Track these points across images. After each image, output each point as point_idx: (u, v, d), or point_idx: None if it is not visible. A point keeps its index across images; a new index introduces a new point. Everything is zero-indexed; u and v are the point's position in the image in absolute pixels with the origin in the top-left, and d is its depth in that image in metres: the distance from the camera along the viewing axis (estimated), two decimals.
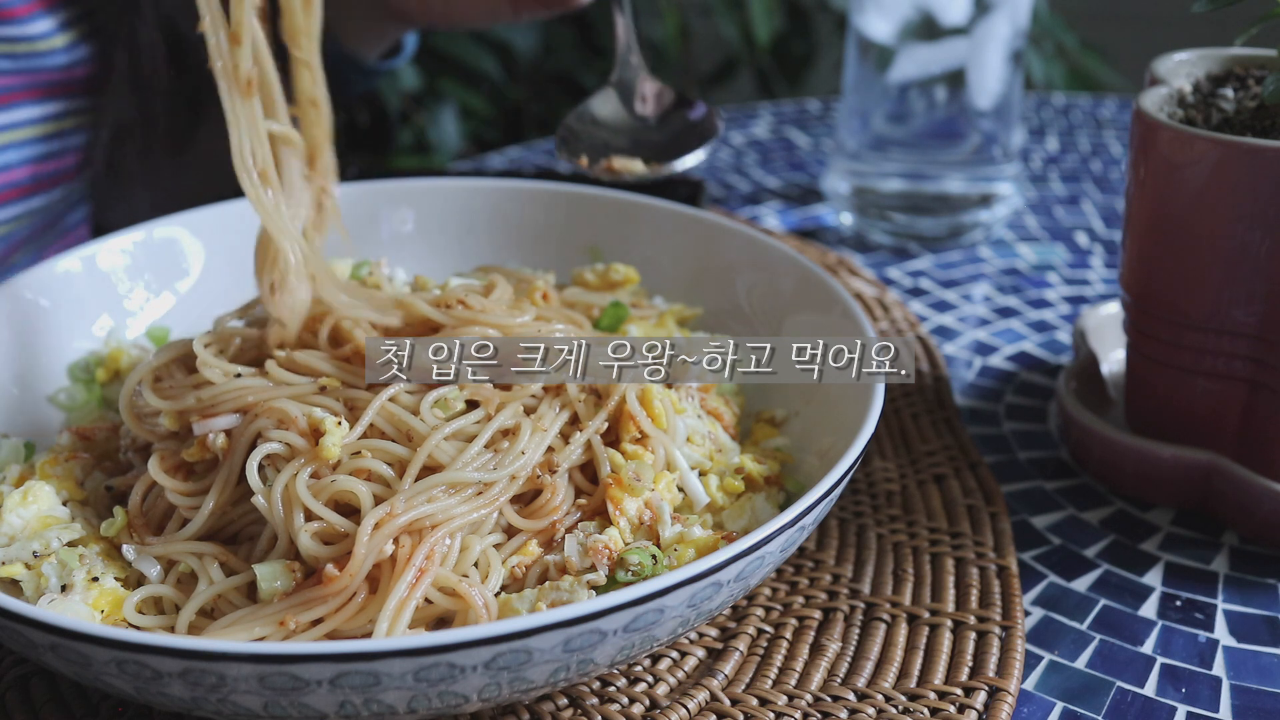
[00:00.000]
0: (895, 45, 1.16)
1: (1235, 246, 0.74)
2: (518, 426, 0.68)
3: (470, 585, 0.63)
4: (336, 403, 0.68)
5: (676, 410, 0.73)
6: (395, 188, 0.96)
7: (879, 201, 1.21)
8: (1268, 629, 0.73)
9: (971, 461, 0.86)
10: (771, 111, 1.60)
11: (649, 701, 0.66)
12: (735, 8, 2.30)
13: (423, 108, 2.21)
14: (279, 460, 0.66)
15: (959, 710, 0.65)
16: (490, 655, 0.53)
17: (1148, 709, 0.67)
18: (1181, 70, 0.83)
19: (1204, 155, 0.73)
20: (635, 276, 0.88)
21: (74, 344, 0.83)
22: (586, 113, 0.89)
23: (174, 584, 0.66)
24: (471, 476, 0.65)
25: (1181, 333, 0.79)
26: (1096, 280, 1.14)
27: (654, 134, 0.88)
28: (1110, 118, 1.55)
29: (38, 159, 1.01)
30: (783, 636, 0.71)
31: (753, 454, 0.75)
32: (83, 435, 0.75)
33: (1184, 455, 0.80)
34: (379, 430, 0.68)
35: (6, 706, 0.65)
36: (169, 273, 0.89)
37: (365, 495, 0.64)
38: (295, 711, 0.54)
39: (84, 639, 0.53)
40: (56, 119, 1.02)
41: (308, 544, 0.63)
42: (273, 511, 0.64)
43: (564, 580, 0.64)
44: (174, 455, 0.69)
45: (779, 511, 0.69)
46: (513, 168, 1.39)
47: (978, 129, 1.18)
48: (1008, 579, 0.75)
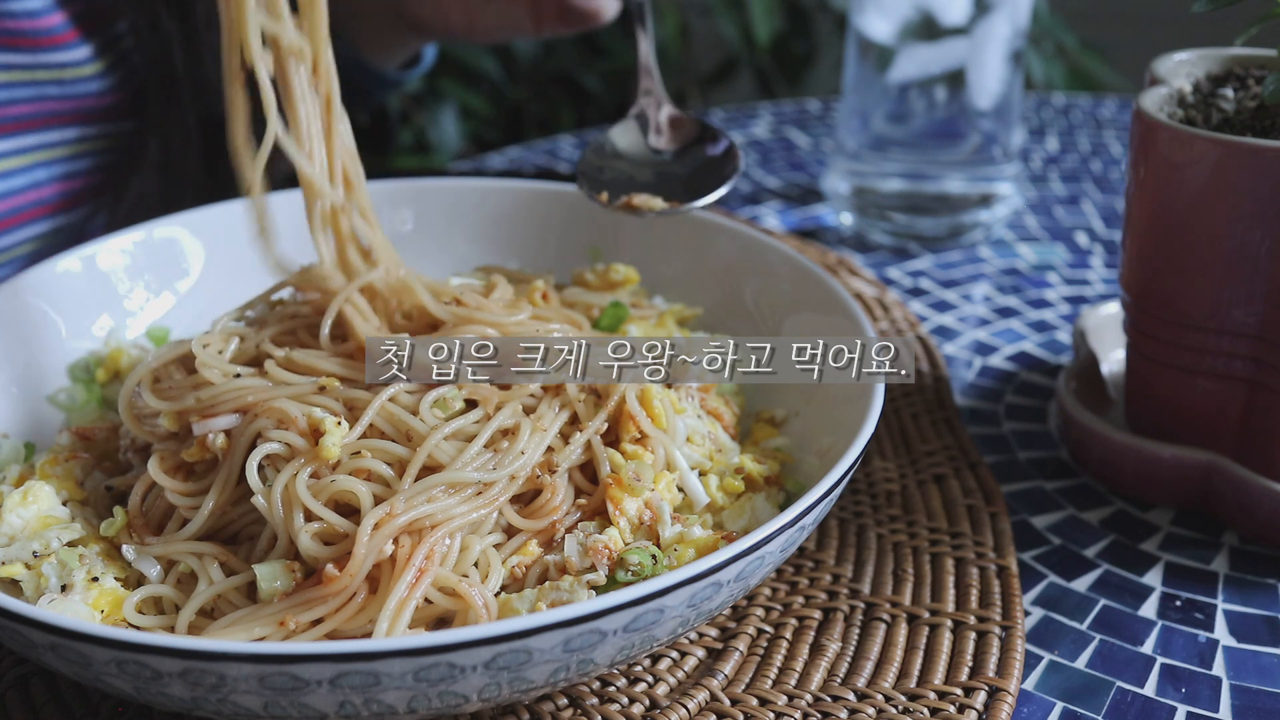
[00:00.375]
0: (895, 45, 1.16)
1: (1235, 246, 0.74)
2: (517, 426, 0.68)
3: (470, 585, 0.63)
4: (336, 403, 0.68)
5: (676, 410, 0.73)
6: (395, 188, 0.96)
7: (879, 201, 1.21)
8: (1268, 629, 0.73)
9: (971, 461, 0.86)
10: (771, 111, 1.60)
11: (649, 701, 0.66)
12: (735, 8, 2.30)
13: (423, 108, 2.21)
14: (279, 460, 0.66)
15: (959, 710, 0.65)
16: (490, 655, 0.53)
17: (1148, 709, 0.67)
18: (1181, 70, 0.83)
19: (1204, 155, 0.73)
20: (635, 276, 0.88)
21: (74, 344, 0.83)
22: (608, 144, 0.89)
23: (174, 584, 0.66)
24: (471, 476, 0.65)
25: (1181, 333, 0.79)
26: (1096, 280, 1.14)
27: (675, 168, 0.88)
28: (1110, 118, 1.55)
29: (66, 177, 1.02)
30: (783, 636, 0.71)
31: (753, 454, 0.75)
32: (83, 435, 0.75)
33: (1184, 455, 0.80)
34: (379, 430, 0.68)
35: (6, 706, 0.65)
36: (169, 273, 0.89)
37: (365, 495, 0.64)
38: (295, 711, 0.54)
39: (84, 639, 0.53)
40: (85, 141, 1.03)
41: (308, 544, 0.63)
42: (272, 512, 0.64)
43: (564, 580, 0.64)
44: (174, 456, 0.69)
45: (779, 511, 0.69)
46: (513, 168, 1.39)
47: (978, 129, 1.18)
48: (1008, 579, 0.75)
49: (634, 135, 0.89)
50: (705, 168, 0.86)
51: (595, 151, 0.88)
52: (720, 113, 1.60)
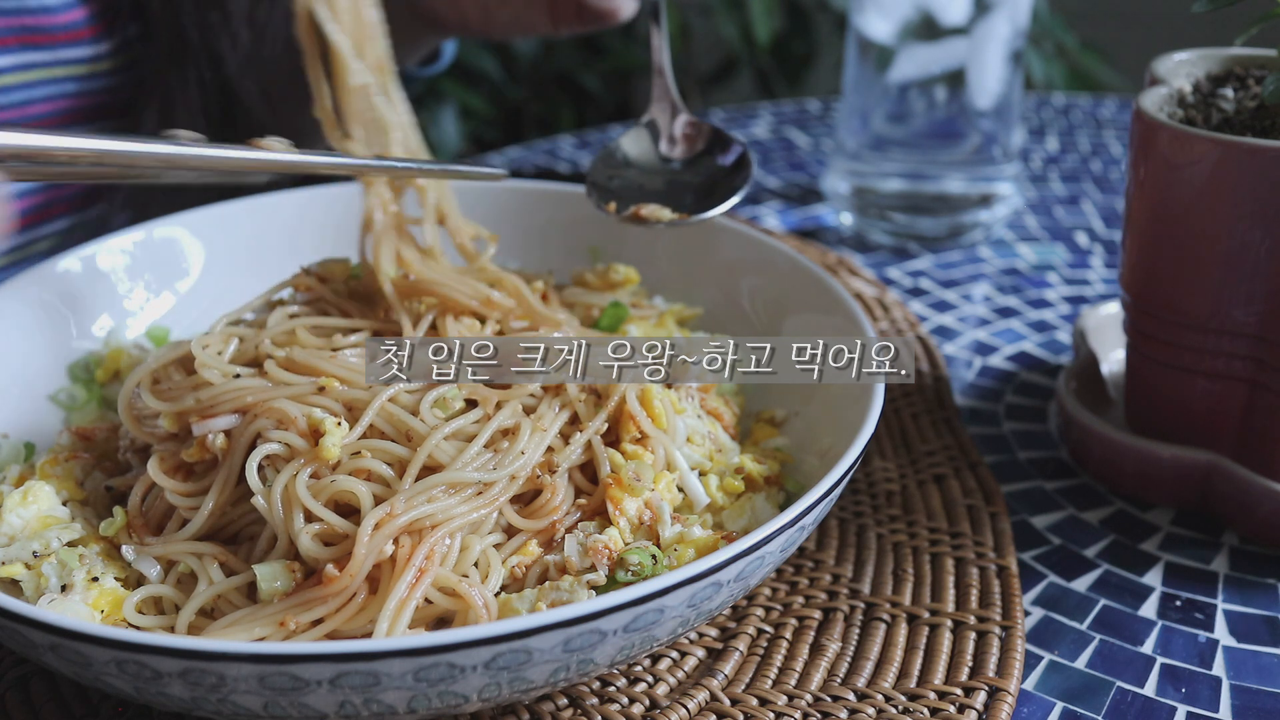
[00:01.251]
0: (895, 45, 1.16)
1: (1235, 246, 0.74)
2: (517, 426, 0.68)
3: (470, 585, 0.63)
4: (336, 403, 0.68)
5: (676, 410, 0.73)
6: None
7: (879, 201, 1.21)
8: (1268, 629, 0.73)
9: (971, 461, 0.86)
10: (771, 111, 1.60)
11: (649, 701, 0.66)
12: (735, 8, 2.30)
13: (423, 108, 2.21)
14: (278, 461, 0.66)
15: (959, 710, 0.65)
16: (490, 655, 0.53)
17: (1148, 709, 0.67)
18: (1181, 70, 0.83)
19: (1204, 155, 0.73)
20: (635, 277, 0.88)
21: (74, 344, 0.83)
22: (618, 152, 0.88)
23: (174, 584, 0.66)
24: (471, 476, 0.65)
25: (1181, 333, 0.79)
26: (1096, 280, 1.14)
27: (686, 176, 0.87)
28: (1110, 118, 1.55)
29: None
30: (783, 636, 0.71)
31: (753, 454, 0.75)
32: (83, 435, 0.75)
33: (1184, 455, 0.80)
34: (379, 430, 0.68)
35: (6, 706, 0.65)
36: (169, 273, 0.89)
37: (365, 495, 0.64)
38: (295, 711, 0.54)
39: (84, 639, 0.53)
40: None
41: (308, 545, 0.63)
42: (272, 512, 0.64)
43: (564, 580, 0.64)
44: (173, 456, 0.69)
45: (779, 511, 0.69)
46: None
47: (978, 129, 1.18)
48: (1008, 579, 0.75)
49: (645, 143, 0.88)
50: (715, 176, 0.85)
51: (605, 159, 0.88)
52: (720, 113, 1.60)
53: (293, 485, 0.64)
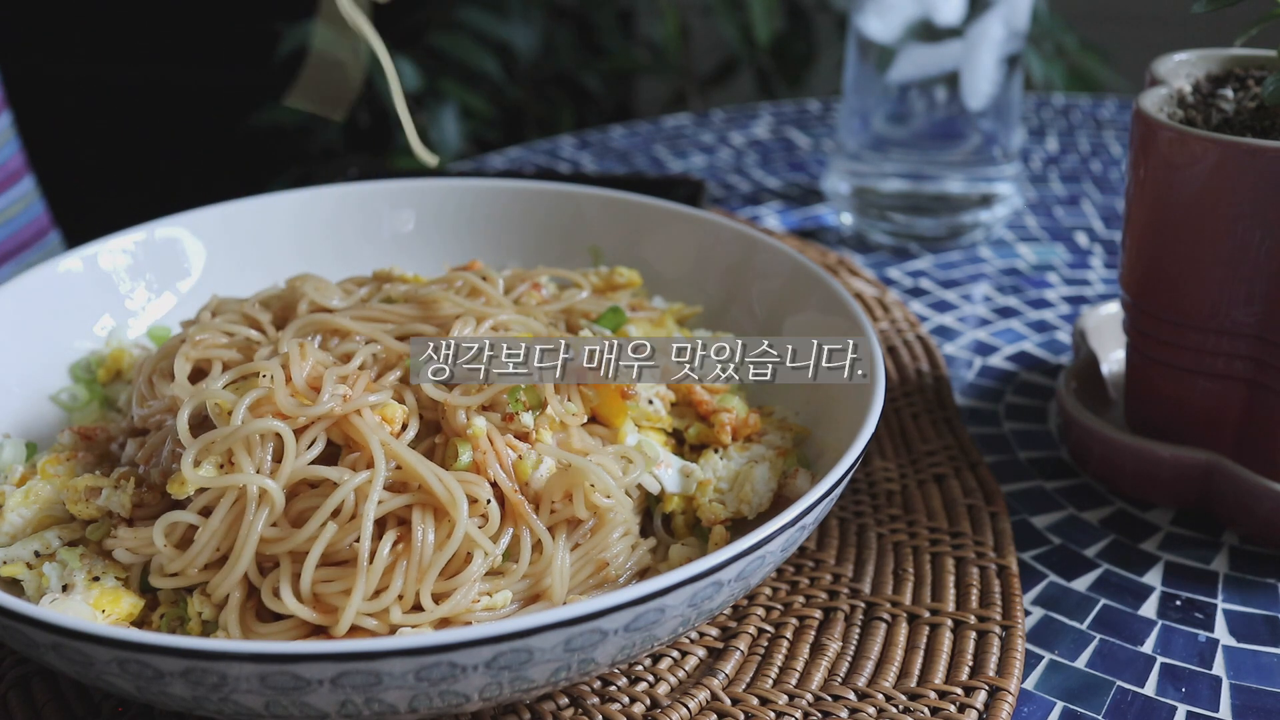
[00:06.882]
0: (895, 46, 1.16)
1: (1235, 246, 0.74)
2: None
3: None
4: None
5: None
6: (395, 188, 0.96)
7: (879, 201, 1.21)
8: (1268, 629, 0.73)
9: (971, 461, 0.86)
10: (771, 112, 1.60)
11: (650, 701, 0.66)
12: (735, 8, 2.30)
13: (423, 108, 2.21)
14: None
15: (959, 710, 0.65)
16: (491, 654, 0.53)
17: (1148, 709, 0.67)
18: (1181, 70, 0.83)
19: (1204, 155, 0.73)
20: (638, 280, 0.87)
21: (75, 344, 0.83)
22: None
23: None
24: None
25: (1181, 333, 0.79)
26: (1096, 280, 1.14)
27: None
28: (1110, 118, 1.55)
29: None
30: (783, 636, 0.71)
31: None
32: (84, 435, 0.75)
33: (1184, 455, 0.80)
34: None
35: (8, 706, 0.66)
36: (170, 272, 0.89)
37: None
38: (297, 711, 0.54)
39: (86, 638, 0.53)
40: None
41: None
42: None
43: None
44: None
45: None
46: (513, 168, 1.39)
47: (977, 129, 1.18)
48: (1008, 579, 0.75)
49: None
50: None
51: None
52: (720, 113, 1.60)
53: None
